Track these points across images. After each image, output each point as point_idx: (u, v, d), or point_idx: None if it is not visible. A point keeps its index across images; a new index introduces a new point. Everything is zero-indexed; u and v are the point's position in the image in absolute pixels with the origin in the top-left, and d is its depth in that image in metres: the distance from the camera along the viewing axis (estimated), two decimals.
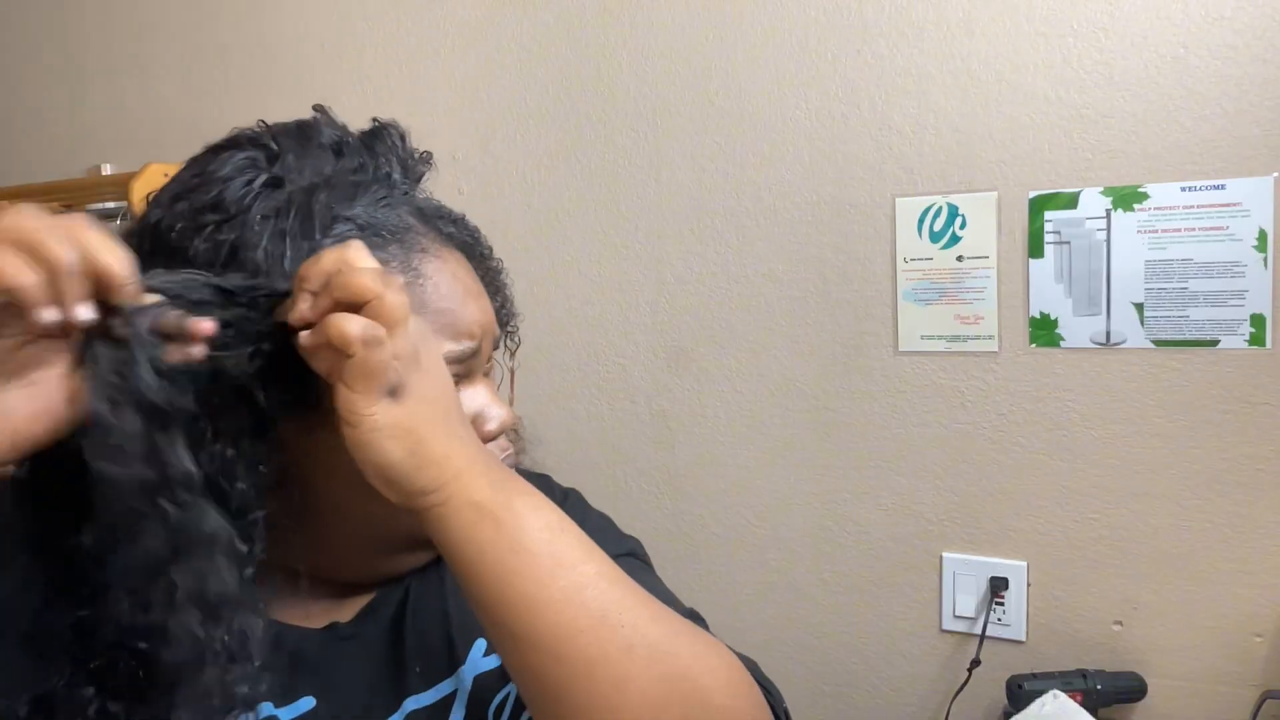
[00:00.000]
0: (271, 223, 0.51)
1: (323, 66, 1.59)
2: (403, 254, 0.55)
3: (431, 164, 0.63)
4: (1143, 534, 1.16)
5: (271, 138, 0.55)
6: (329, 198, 0.53)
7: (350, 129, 0.59)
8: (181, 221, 0.51)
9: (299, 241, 0.51)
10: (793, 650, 1.36)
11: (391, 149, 0.59)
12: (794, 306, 1.32)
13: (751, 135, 1.32)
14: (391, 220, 0.55)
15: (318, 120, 0.58)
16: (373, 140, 0.59)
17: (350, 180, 0.55)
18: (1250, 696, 1.12)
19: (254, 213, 0.51)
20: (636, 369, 1.43)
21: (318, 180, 0.54)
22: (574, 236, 1.45)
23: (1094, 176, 1.15)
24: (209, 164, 0.54)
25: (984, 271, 1.21)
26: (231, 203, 0.51)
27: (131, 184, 1.40)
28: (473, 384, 0.59)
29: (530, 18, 1.45)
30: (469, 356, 0.56)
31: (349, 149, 0.57)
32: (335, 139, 0.57)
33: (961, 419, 1.24)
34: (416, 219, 0.57)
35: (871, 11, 1.24)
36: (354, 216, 0.54)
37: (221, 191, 0.52)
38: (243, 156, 0.53)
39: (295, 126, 0.57)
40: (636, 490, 1.44)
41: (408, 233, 0.56)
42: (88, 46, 1.80)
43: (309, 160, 0.55)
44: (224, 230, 0.51)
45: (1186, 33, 1.10)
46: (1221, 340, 1.11)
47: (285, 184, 0.53)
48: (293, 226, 0.51)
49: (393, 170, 0.59)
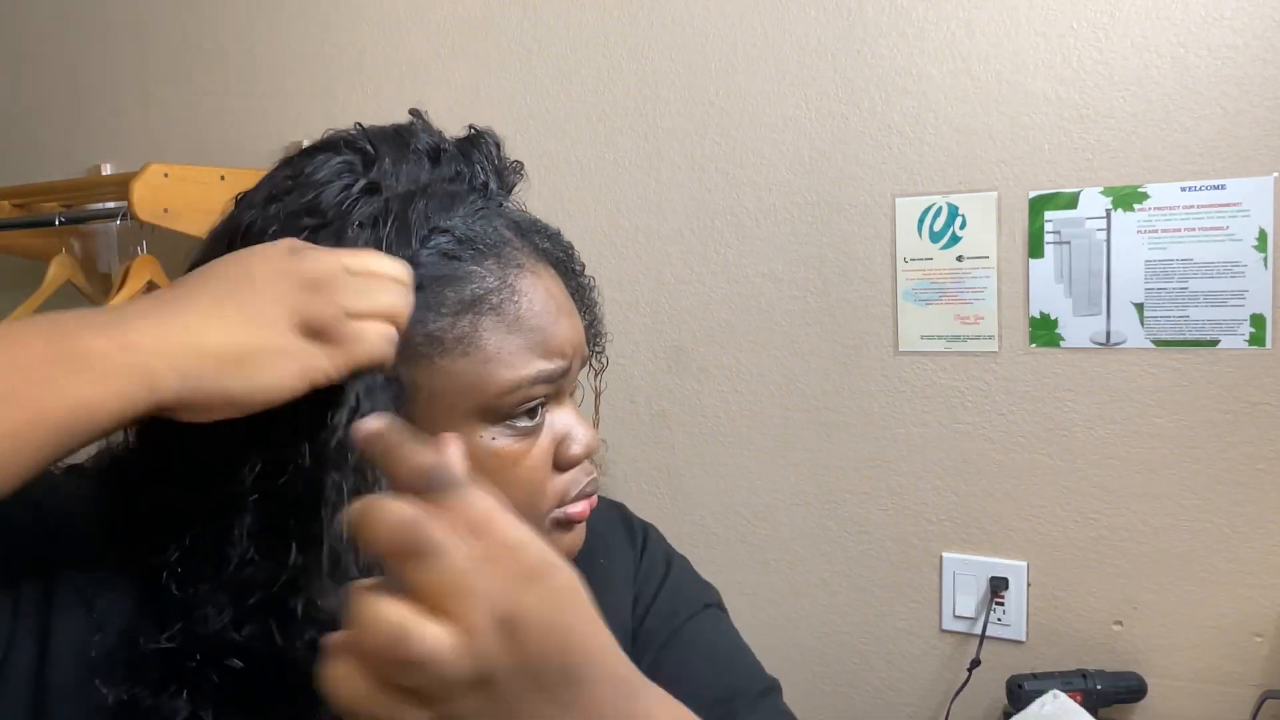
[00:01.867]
0: (369, 231, 0.50)
1: (323, 67, 1.59)
2: (499, 269, 0.53)
3: (523, 174, 0.62)
4: (1143, 534, 1.16)
5: (368, 141, 0.55)
6: (427, 207, 0.52)
7: (446, 136, 0.58)
8: (276, 224, 0.51)
9: (395, 251, 0.50)
10: (793, 650, 1.36)
11: (488, 157, 0.58)
12: (794, 306, 1.32)
13: (751, 135, 1.32)
14: (489, 233, 0.54)
15: (414, 125, 0.57)
16: (469, 148, 0.58)
17: (447, 190, 0.54)
18: (1250, 696, 1.12)
19: (351, 219, 0.50)
20: (636, 369, 1.43)
21: (414, 188, 0.53)
22: (574, 236, 1.44)
23: (1094, 176, 1.15)
24: (305, 166, 0.53)
25: (984, 271, 1.21)
26: (329, 207, 0.50)
27: (131, 184, 1.39)
28: (561, 405, 0.57)
29: (530, 18, 1.45)
30: (559, 376, 0.55)
31: (446, 156, 0.56)
32: (431, 145, 0.56)
33: (961, 419, 1.24)
34: (513, 232, 0.56)
35: (871, 11, 1.24)
36: (451, 228, 0.53)
37: (318, 195, 0.51)
38: (339, 160, 0.53)
39: (392, 131, 0.56)
40: (636, 490, 1.44)
41: (505, 247, 0.55)
42: (88, 46, 1.80)
43: (405, 166, 0.54)
44: (320, 235, 0.50)
45: (1186, 33, 1.10)
46: (1221, 340, 1.11)
47: (382, 190, 0.52)
48: (389, 235, 0.50)
49: (489, 179, 0.57)
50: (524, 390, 0.53)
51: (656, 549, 0.70)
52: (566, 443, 0.57)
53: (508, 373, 0.52)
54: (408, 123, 0.58)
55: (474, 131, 0.59)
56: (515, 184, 0.61)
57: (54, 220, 1.56)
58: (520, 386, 0.52)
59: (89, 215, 1.63)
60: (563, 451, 0.56)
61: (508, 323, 0.53)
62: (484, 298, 0.52)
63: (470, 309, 0.52)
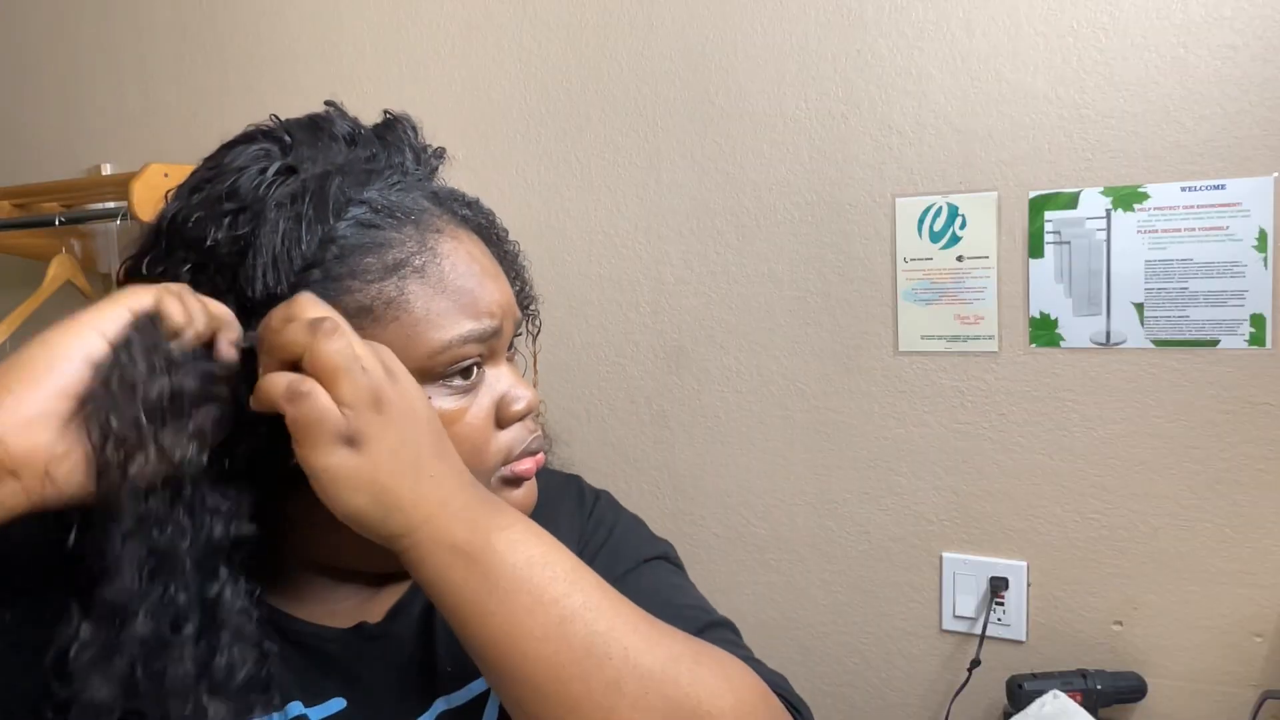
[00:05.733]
0: (287, 208, 0.52)
1: (323, 67, 1.60)
2: (418, 234, 0.55)
3: (445, 158, 0.63)
4: (1143, 534, 1.16)
5: (285, 130, 0.56)
6: (343, 182, 0.53)
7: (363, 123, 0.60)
8: (199, 212, 0.52)
9: (314, 225, 0.52)
10: (793, 650, 1.36)
11: (404, 139, 0.60)
12: (794, 306, 1.32)
13: (751, 135, 1.32)
14: (406, 202, 0.56)
15: (330, 114, 0.59)
16: (385, 131, 0.60)
17: (364, 168, 0.56)
18: (1250, 696, 1.12)
19: (269, 200, 0.52)
20: (636, 369, 1.43)
21: (330, 167, 0.54)
22: (574, 236, 1.45)
23: (1094, 176, 1.15)
24: (224, 157, 0.55)
25: (984, 271, 1.21)
26: (246, 191, 0.52)
27: (131, 184, 1.40)
28: (497, 365, 0.58)
29: (530, 18, 1.45)
30: (490, 335, 0.56)
31: (362, 139, 0.58)
32: (348, 130, 0.58)
33: (961, 419, 1.24)
34: (431, 201, 0.58)
35: (871, 11, 1.24)
36: (368, 200, 0.54)
37: (236, 181, 0.52)
38: (257, 148, 0.54)
39: (308, 120, 0.58)
40: (636, 490, 1.44)
41: (423, 214, 0.56)
42: (88, 46, 1.80)
43: (322, 150, 0.56)
44: (240, 218, 0.51)
45: (1186, 33, 1.10)
46: (1221, 340, 1.11)
47: (299, 171, 0.53)
48: (307, 211, 0.52)
49: (405, 160, 0.59)
50: (454, 350, 0.54)
51: (603, 513, 0.70)
52: (507, 400, 0.58)
53: (438, 333, 0.53)
54: (323, 111, 0.59)
55: (390, 116, 0.61)
56: (436, 166, 0.63)
57: (54, 220, 1.56)
58: (451, 346, 0.54)
59: (89, 215, 1.63)
60: (504, 409, 0.58)
61: (432, 285, 0.54)
62: (406, 261, 0.54)
63: (393, 273, 0.53)
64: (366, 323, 0.52)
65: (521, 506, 0.59)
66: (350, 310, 0.52)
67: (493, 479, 0.58)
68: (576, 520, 0.69)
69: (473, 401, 0.56)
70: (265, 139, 0.56)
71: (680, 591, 0.66)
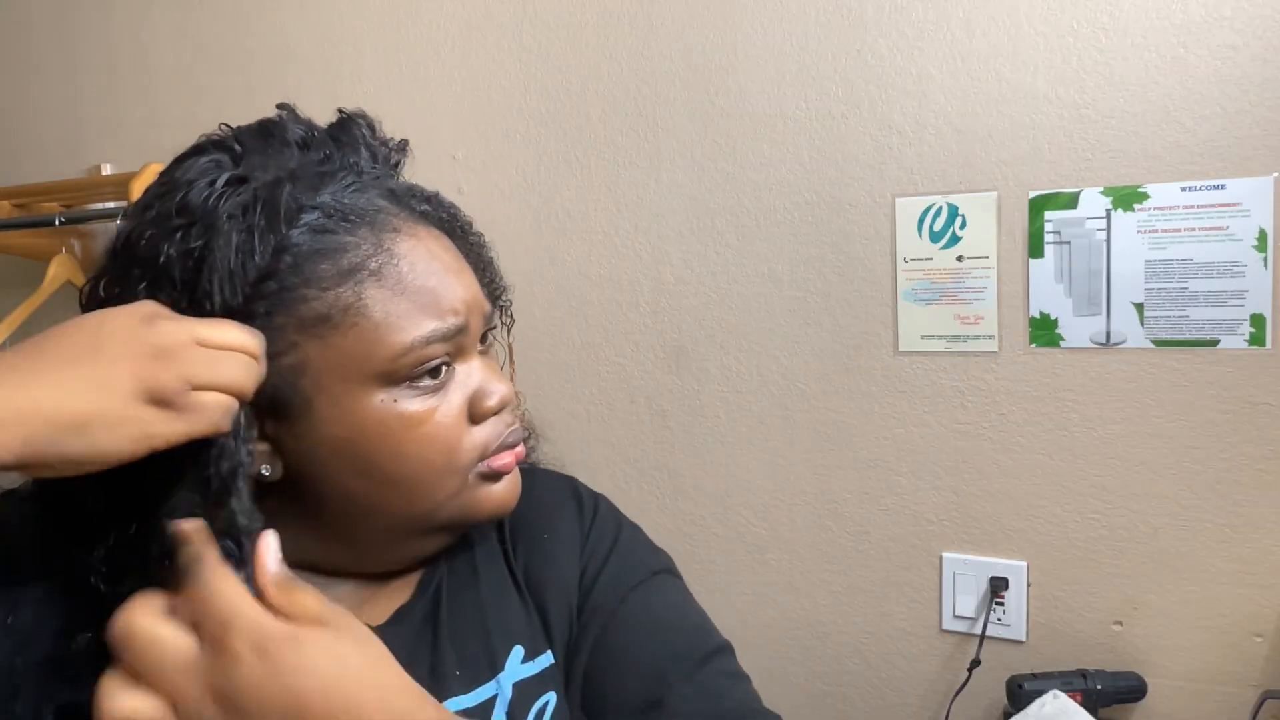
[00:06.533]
0: (238, 220, 0.51)
1: (323, 67, 1.60)
2: (373, 235, 0.54)
3: (408, 151, 0.62)
4: (1143, 534, 1.16)
5: (235, 139, 0.56)
6: (294, 189, 0.53)
7: (317, 124, 0.59)
8: (151, 229, 0.52)
9: (266, 235, 0.51)
10: (793, 650, 1.36)
11: (360, 138, 0.59)
12: (794, 306, 1.32)
13: (751, 135, 1.32)
14: (360, 203, 0.55)
15: (282, 117, 0.58)
16: (340, 131, 0.59)
17: (316, 171, 0.55)
18: (1250, 696, 1.12)
19: (220, 212, 0.51)
20: (636, 369, 1.43)
21: (282, 174, 0.54)
22: (574, 236, 1.45)
23: (1094, 176, 1.15)
24: (175, 171, 0.54)
25: (984, 271, 1.21)
26: (196, 205, 0.51)
27: (131, 184, 1.40)
28: (467, 361, 0.58)
29: (530, 18, 1.45)
30: (456, 333, 0.55)
31: (315, 143, 0.57)
32: (300, 135, 0.57)
33: (961, 419, 1.24)
34: (388, 200, 0.57)
35: (871, 11, 1.24)
36: (321, 205, 0.54)
37: (186, 195, 0.52)
38: (206, 160, 0.54)
39: (259, 126, 0.57)
40: (636, 490, 1.44)
41: (378, 214, 0.55)
42: (88, 47, 1.80)
43: (273, 157, 0.55)
44: (192, 232, 0.51)
45: (1186, 33, 1.10)
46: (1221, 340, 1.11)
47: (250, 181, 0.53)
48: (259, 221, 0.51)
49: (361, 159, 0.58)
50: (418, 351, 0.53)
51: (605, 521, 0.69)
52: (479, 396, 0.57)
53: (399, 336, 0.53)
54: (274, 115, 0.58)
55: (343, 115, 0.60)
56: (398, 161, 0.62)
57: (54, 220, 1.56)
58: (414, 348, 0.53)
59: (89, 215, 1.63)
60: (476, 405, 0.57)
61: (390, 287, 0.53)
62: (361, 264, 0.53)
63: (349, 278, 0.53)
64: (326, 331, 0.52)
65: (504, 501, 0.59)
66: (309, 319, 0.52)
67: (470, 476, 0.57)
68: (577, 527, 0.68)
69: (443, 400, 0.56)
70: (216, 149, 0.55)
71: (685, 612, 0.65)
